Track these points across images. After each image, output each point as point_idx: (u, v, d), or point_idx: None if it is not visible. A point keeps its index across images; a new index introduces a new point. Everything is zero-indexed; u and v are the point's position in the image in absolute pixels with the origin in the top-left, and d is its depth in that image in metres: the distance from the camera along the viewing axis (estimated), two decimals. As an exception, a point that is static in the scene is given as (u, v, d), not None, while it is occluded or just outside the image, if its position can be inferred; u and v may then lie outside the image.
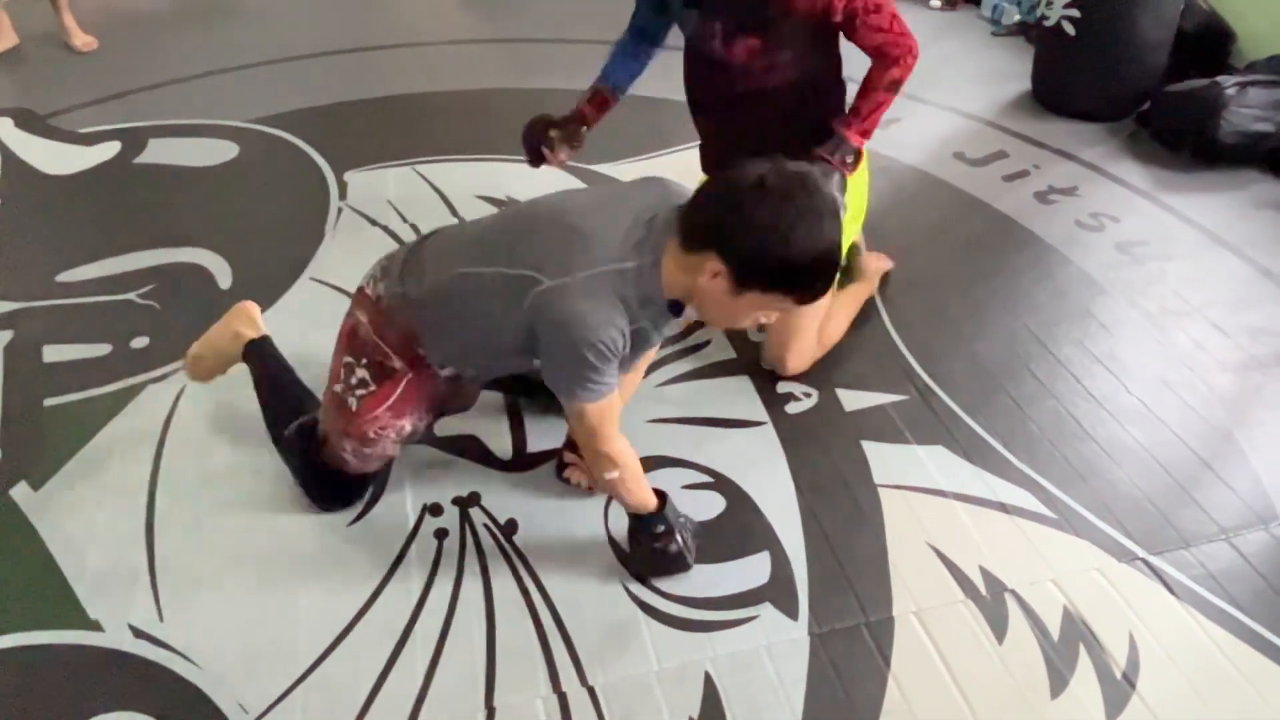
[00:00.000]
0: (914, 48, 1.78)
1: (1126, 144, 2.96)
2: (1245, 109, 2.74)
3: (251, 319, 1.83)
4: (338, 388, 1.58)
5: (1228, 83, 2.78)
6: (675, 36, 1.94)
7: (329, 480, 1.67)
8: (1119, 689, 1.44)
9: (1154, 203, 2.68)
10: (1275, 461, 1.85)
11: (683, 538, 1.56)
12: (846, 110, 1.85)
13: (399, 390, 1.55)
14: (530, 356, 1.43)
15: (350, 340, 1.58)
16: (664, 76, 2.10)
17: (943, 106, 3.19)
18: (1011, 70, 3.43)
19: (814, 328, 1.97)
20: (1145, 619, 1.54)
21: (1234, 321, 2.21)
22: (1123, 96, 3.04)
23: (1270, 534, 1.70)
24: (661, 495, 1.57)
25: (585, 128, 1.99)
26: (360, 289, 1.59)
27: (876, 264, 2.26)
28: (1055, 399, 1.98)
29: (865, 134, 1.81)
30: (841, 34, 1.79)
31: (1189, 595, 1.58)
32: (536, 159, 2.02)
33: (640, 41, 1.99)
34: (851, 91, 1.88)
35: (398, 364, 1.54)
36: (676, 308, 1.42)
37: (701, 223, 1.31)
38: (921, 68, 3.44)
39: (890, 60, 1.76)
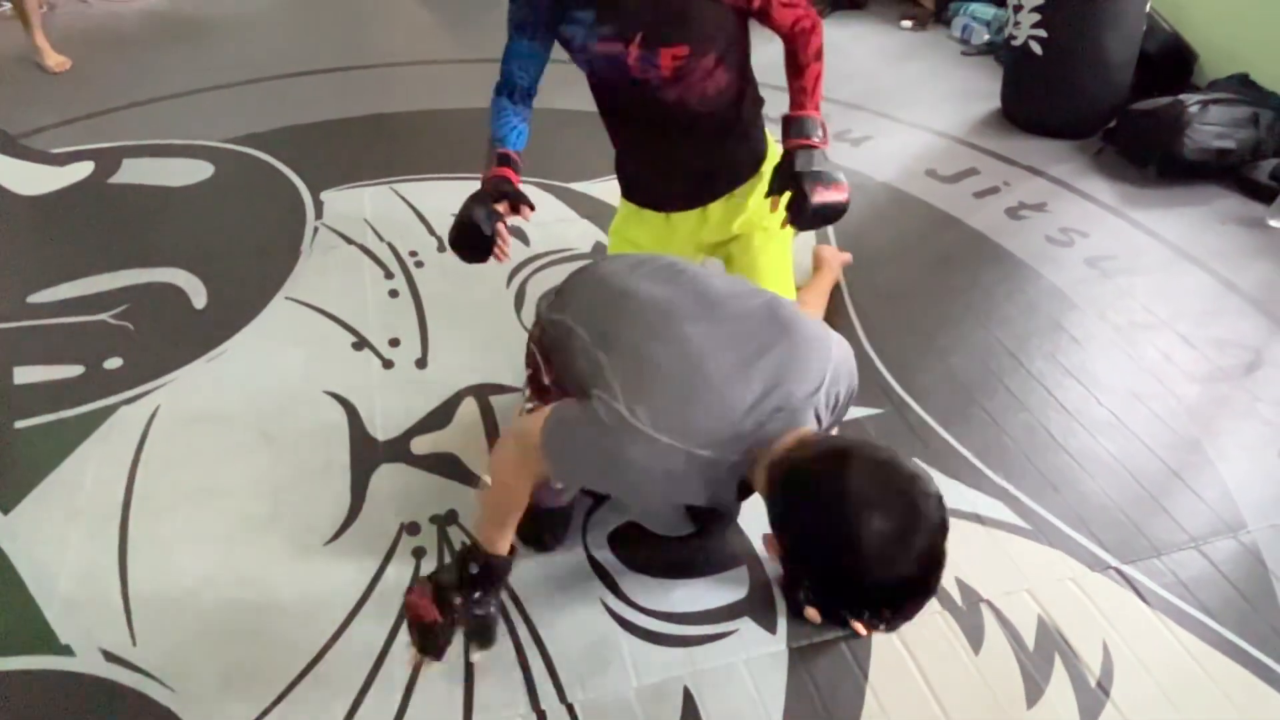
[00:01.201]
0: (817, 17, 1.72)
1: (1094, 161, 3.02)
2: (1208, 126, 2.80)
3: None
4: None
5: (1190, 101, 2.85)
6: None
7: (529, 516, 1.42)
8: (1094, 697, 1.45)
9: (1121, 218, 2.73)
10: (1242, 471, 1.88)
11: (469, 610, 1.36)
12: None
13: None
14: None
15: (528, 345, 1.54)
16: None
17: (914, 125, 3.24)
18: (981, 89, 3.50)
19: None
20: (1118, 627, 1.56)
21: (1201, 334, 2.25)
22: (1089, 114, 3.10)
23: (1239, 542, 1.73)
24: (502, 563, 1.38)
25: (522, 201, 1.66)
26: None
27: (834, 255, 2.32)
28: (1028, 411, 2.01)
29: (818, 107, 1.72)
30: (753, 20, 1.69)
31: (1161, 603, 1.61)
32: (486, 255, 1.60)
33: (526, 99, 1.74)
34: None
35: (547, 380, 1.45)
36: (745, 490, 1.25)
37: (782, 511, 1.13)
38: (893, 86, 3.55)
39: (808, 31, 1.69)
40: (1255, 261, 2.54)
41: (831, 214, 1.63)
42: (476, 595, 1.37)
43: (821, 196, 1.59)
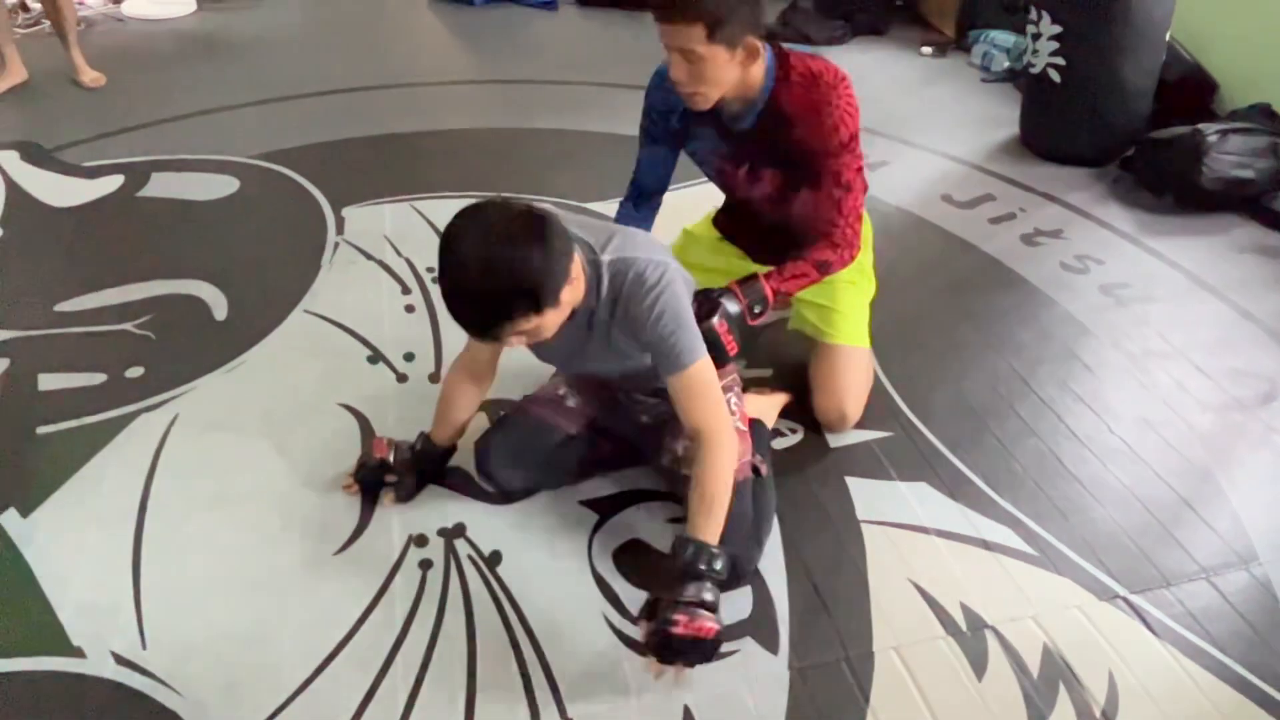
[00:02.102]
0: (857, 248, 1.80)
1: (1111, 189, 3.02)
2: (1226, 155, 2.79)
3: None
4: None
5: (1209, 130, 2.84)
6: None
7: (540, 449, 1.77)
8: (1098, 727, 1.44)
9: (1138, 246, 2.73)
10: (1255, 501, 1.86)
11: (402, 467, 1.76)
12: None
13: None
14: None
15: None
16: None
17: (931, 150, 3.26)
18: (1000, 116, 3.51)
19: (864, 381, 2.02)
20: (1125, 657, 1.55)
21: (1216, 363, 2.24)
22: (1107, 142, 3.10)
23: (1250, 574, 1.71)
24: (440, 451, 1.79)
25: None
26: None
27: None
28: (1038, 437, 2.00)
29: (777, 293, 1.73)
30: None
31: (1169, 634, 1.59)
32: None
33: (651, 200, 1.94)
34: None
35: None
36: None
37: None
38: (911, 112, 3.56)
39: (830, 243, 1.75)
40: (1273, 292, 2.53)
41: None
42: (409, 456, 1.76)
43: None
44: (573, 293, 1.41)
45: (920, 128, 3.41)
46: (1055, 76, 3.07)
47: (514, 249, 1.30)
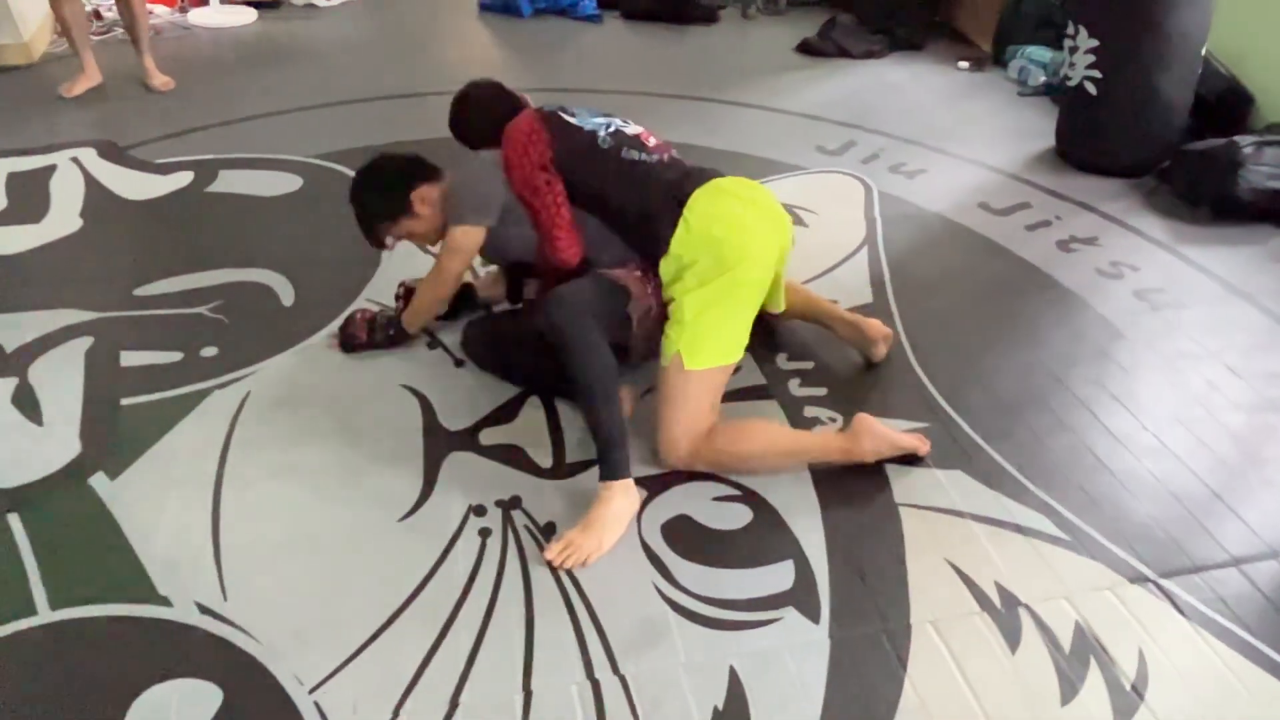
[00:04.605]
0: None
1: (1147, 199, 3.07)
2: (1262, 167, 2.84)
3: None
4: None
5: (1245, 142, 2.89)
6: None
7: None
8: (1128, 699, 1.50)
9: (1173, 254, 2.78)
10: (1286, 497, 1.91)
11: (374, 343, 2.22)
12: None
13: None
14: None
15: None
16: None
17: (969, 160, 3.33)
18: (1036, 128, 3.57)
19: (679, 415, 1.86)
20: (1155, 636, 1.60)
21: (1249, 366, 2.29)
22: (1143, 154, 3.16)
23: (1280, 564, 1.76)
24: (407, 337, 2.23)
25: None
26: None
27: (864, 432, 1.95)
28: (1072, 432, 2.07)
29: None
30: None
31: (1198, 616, 1.65)
32: None
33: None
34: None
35: None
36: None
37: None
38: (949, 123, 3.65)
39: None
40: (1307, 300, 2.57)
41: None
42: (379, 340, 2.22)
43: None
44: (425, 209, 2.10)
45: (958, 139, 3.49)
46: (1092, 89, 3.14)
47: (357, 188, 2.17)
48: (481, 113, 2.25)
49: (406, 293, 2.31)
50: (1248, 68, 3.37)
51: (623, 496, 1.76)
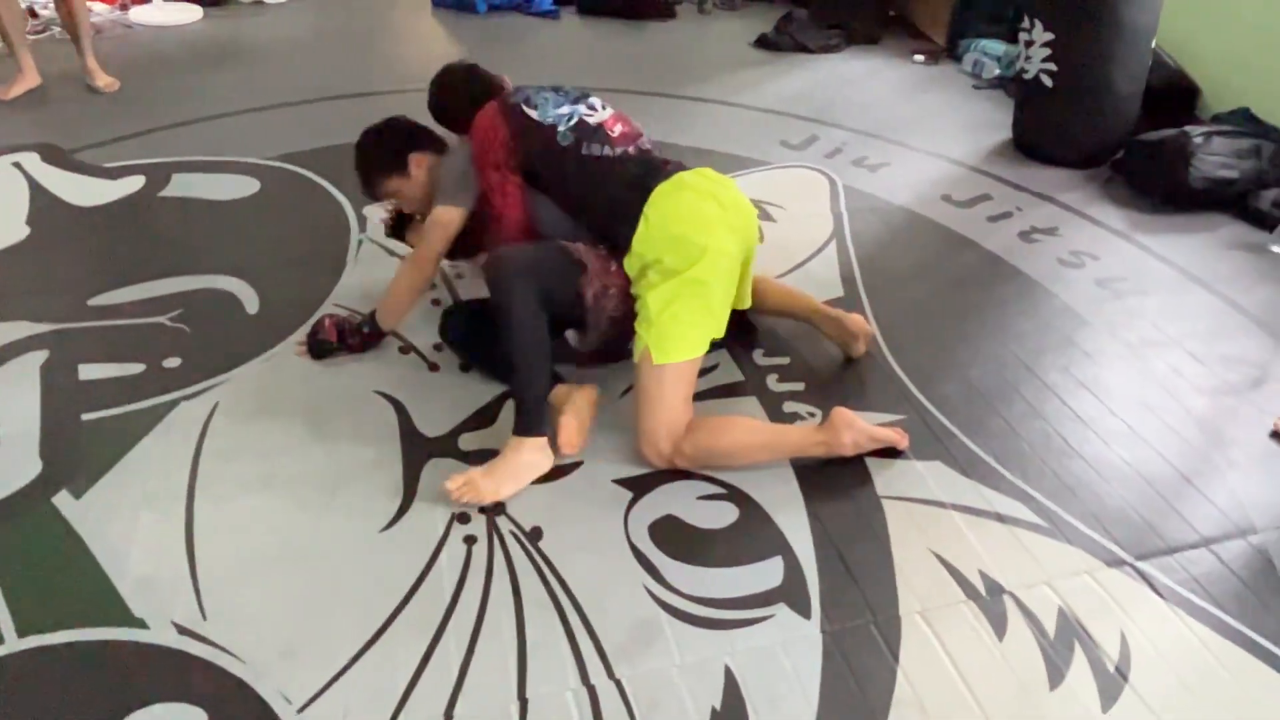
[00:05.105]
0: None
1: (1103, 189, 3.15)
2: (1212, 156, 2.93)
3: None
4: None
5: (1195, 132, 2.97)
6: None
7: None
8: (1112, 681, 1.53)
9: (1131, 242, 2.85)
10: (1251, 479, 1.97)
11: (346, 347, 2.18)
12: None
13: None
14: None
15: None
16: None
17: (929, 152, 3.38)
18: (992, 120, 3.64)
19: (654, 410, 1.86)
20: (1134, 618, 1.64)
21: (1209, 351, 2.36)
22: (1098, 145, 3.23)
23: (1248, 543, 1.81)
24: (380, 337, 2.20)
25: None
26: None
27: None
28: (1044, 419, 2.11)
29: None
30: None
31: (1174, 596, 1.69)
32: None
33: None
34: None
35: None
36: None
37: None
38: (908, 117, 3.70)
39: None
40: (1259, 285, 2.65)
41: None
42: (352, 343, 2.18)
43: None
44: (419, 173, 2.19)
45: (917, 132, 3.53)
46: (1048, 81, 3.20)
47: (364, 138, 2.28)
48: (456, 96, 2.26)
49: (395, 213, 2.36)
50: (1193, 59, 3.47)
51: (530, 452, 1.83)
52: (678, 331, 1.86)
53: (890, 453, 1.97)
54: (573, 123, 2.02)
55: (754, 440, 1.92)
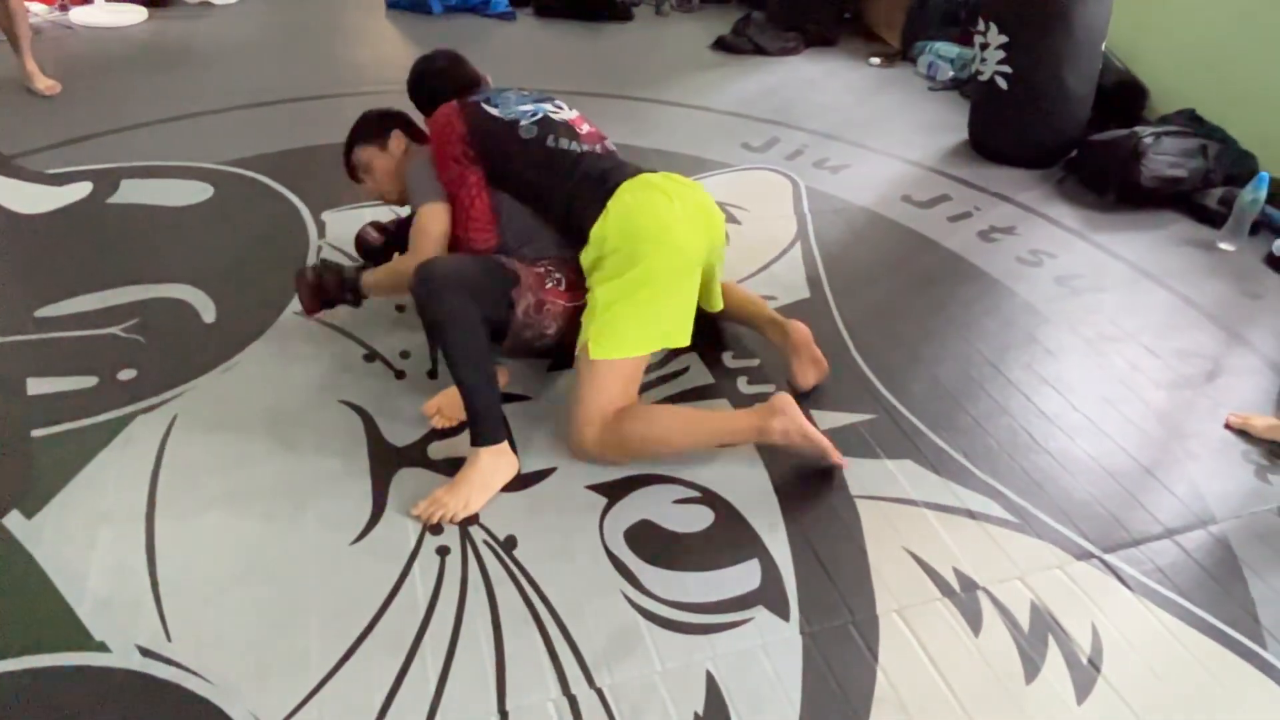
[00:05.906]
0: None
1: (1057, 188, 3.21)
2: (1162, 156, 3.01)
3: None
4: None
5: (1145, 133, 3.05)
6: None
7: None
8: (1086, 673, 1.55)
9: (1086, 240, 2.91)
10: (1209, 470, 2.02)
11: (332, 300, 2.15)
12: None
13: None
14: None
15: None
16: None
17: (888, 154, 3.42)
18: (949, 122, 3.69)
19: (585, 403, 1.86)
20: (1105, 610, 1.67)
21: (1164, 345, 2.42)
22: (1052, 145, 3.30)
23: (1209, 533, 1.86)
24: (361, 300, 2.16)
25: None
26: None
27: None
28: (1010, 416, 2.14)
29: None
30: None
31: (1141, 588, 1.73)
32: None
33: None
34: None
35: None
36: None
37: None
38: (866, 118, 3.73)
39: None
40: (1209, 280, 2.73)
41: None
42: (349, 298, 2.15)
43: None
44: (396, 148, 2.21)
45: (876, 133, 3.57)
46: (1003, 84, 3.26)
47: (361, 117, 2.27)
48: (440, 78, 2.26)
49: (383, 241, 2.36)
50: (1141, 62, 3.56)
51: (491, 459, 1.80)
52: (619, 329, 1.85)
53: (827, 470, 1.92)
54: (537, 118, 2.03)
55: (682, 427, 1.88)
